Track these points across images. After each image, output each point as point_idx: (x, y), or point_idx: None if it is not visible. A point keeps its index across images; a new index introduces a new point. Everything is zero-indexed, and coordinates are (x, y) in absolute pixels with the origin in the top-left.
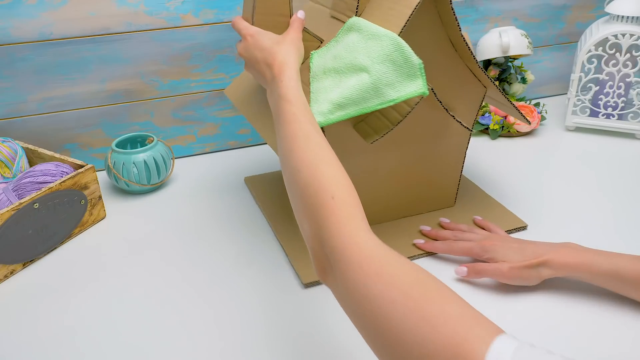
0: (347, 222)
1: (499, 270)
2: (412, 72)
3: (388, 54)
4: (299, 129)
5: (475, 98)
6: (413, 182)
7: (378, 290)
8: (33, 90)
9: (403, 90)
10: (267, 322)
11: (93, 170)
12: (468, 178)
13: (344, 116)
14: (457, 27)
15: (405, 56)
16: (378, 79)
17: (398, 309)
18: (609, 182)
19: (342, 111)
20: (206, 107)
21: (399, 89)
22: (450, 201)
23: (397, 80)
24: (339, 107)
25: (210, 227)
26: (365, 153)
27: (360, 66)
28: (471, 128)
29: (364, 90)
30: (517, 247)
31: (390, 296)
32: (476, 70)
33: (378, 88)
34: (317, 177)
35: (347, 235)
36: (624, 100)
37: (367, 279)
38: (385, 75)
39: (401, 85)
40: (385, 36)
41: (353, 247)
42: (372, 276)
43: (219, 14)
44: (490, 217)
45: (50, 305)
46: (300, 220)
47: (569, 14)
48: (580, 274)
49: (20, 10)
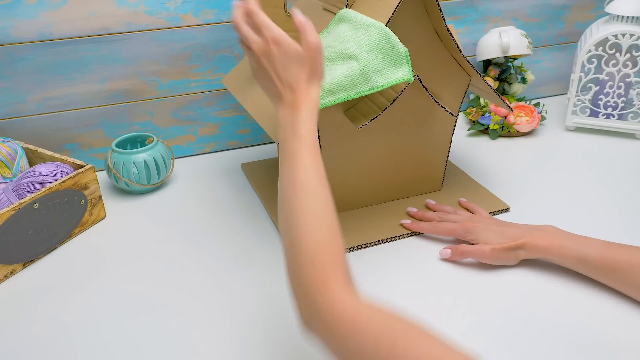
0: (325, 280)
1: (481, 252)
2: (398, 60)
3: (376, 43)
4: (301, 175)
5: (460, 86)
6: (401, 166)
7: (353, 344)
8: (33, 90)
9: (390, 77)
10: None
11: (93, 170)
12: (455, 164)
13: (334, 101)
14: (441, 18)
15: (392, 44)
16: (366, 66)
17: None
18: (609, 182)
19: (332, 96)
20: (206, 107)
21: (386, 76)
22: (437, 185)
23: (384, 68)
24: (330, 92)
25: (211, 226)
26: (355, 138)
27: (349, 54)
28: (456, 114)
29: (353, 77)
30: (497, 229)
31: (363, 349)
32: (460, 59)
33: (366, 75)
34: (303, 239)
35: (323, 293)
36: (624, 100)
37: (341, 335)
38: (373, 63)
39: (388, 72)
40: (373, 26)
41: (329, 304)
42: (345, 332)
43: (219, 14)
44: (475, 200)
45: (50, 305)
46: (286, 265)
47: (568, 14)
48: (551, 257)
49: (20, 10)
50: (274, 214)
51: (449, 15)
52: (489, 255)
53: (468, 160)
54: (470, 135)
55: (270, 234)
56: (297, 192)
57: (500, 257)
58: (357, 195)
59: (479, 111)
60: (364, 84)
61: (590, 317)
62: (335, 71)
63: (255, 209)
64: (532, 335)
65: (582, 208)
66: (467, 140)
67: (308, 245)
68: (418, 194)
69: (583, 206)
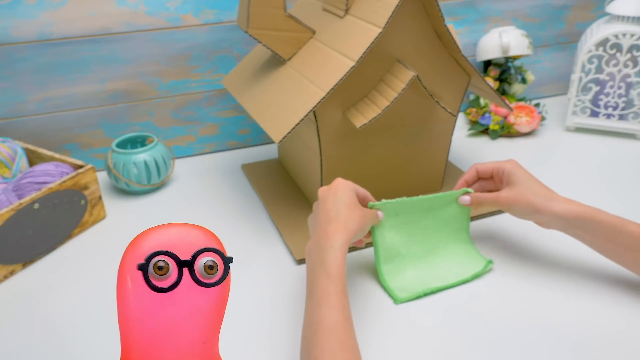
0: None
1: (497, 199)
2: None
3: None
4: (327, 315)
5: (460, 86)
6: (401, 166)
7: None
8: (33, 91)
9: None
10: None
11: (93, 170)
12: (455, 164)
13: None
14: (441, 18)
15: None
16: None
17: None
18: (609, 183)
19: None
20: (206, 107)
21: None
22: (437, 185)
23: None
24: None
25: (211, 227)
26: (355, 138)
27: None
28: (456, 114)
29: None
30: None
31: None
32: (460, 59)
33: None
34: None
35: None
36: (625, 101)
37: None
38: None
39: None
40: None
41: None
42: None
43: (219, 14)
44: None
45: (50, 305)
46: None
47: (569, 14)
48: (580, 220)
49: (20, 10)
50: (274, 215)
51: (449, 16)
52: (504, 200)
53: (468, 160)
54: (470, 135)
55: (271, 234)
56: (321, 332)
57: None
58: None
59: (479, 111)
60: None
61: (584, 314)
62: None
63: (255, 210)
64: (526, 333)
65: None
66: (467, 140)
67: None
68: (418, 194)
69: None
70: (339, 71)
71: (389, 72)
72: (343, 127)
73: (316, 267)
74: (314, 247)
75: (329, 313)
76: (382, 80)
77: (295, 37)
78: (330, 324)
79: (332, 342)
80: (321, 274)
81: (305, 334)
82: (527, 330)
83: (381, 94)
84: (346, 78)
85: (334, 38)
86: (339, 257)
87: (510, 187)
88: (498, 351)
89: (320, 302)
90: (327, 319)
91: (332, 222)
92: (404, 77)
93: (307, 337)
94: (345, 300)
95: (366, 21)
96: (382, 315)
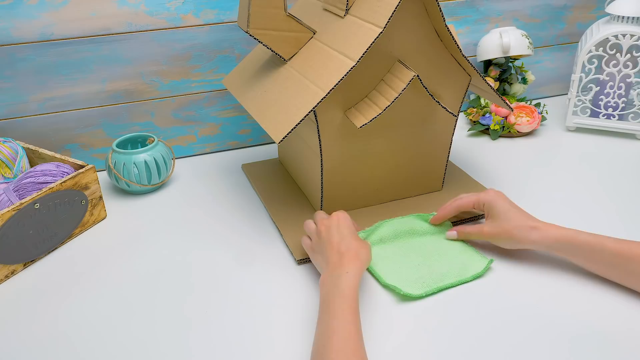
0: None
1: (481, 231)
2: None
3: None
4: (342, 326)
5: (460, 86)
6: (401, 166)
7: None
8: (34, 91)
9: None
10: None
11: (94, 170)
12: (455, 164)
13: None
14: (441, 18)
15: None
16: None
17: None
18: (609, 183)
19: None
20: (207, 107)
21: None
22: (437, 185)
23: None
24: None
25: (211, 227)
26: (356, 137)
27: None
28: (456, 114)
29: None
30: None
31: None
32: (461, 59)
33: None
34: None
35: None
36: (625, 101)
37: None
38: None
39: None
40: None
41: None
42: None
43: (219, 14)
44: None
45: (50, 305)
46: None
47: (569, 15)
48: (565, 246)
49: (21, 10)
50: (274, 215)
51: (449, 16)
52: (487, 234)
53: (468, 160)
54: (470, 135)
55: (271, 234)
56: (335, 340)
57: (513, 238)
58: (357, 195)
59: (480, 111)
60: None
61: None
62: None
63: (255, 210)
64: (525, 328)
65: (583, 208)
66: (467, 140)
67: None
68: (418, 194)
69: (583, 206)
70: (340, 71)
71: (389, 72)
72: (343, 127)
73: (330, 291)
74: (328, 277)
75: (344, 325)
76: (382, 80)
77: (295, 37)
78: (345, 334)
79: (347, 348)
80: (336, 294)
81: (318, 342)
82: (527, 330)
83: (382, 94)
84: (346, 78)
85: (334, 38)
86: (353, 282)
87: (491, 220)
88: (498, 351)
89: (335, 315)
90: (342, 329)
91: (345, 256)
92: (405, 77)
93: (321, 345)
94: (358, 318)
95: (366, 21)
96: (382, 316)
